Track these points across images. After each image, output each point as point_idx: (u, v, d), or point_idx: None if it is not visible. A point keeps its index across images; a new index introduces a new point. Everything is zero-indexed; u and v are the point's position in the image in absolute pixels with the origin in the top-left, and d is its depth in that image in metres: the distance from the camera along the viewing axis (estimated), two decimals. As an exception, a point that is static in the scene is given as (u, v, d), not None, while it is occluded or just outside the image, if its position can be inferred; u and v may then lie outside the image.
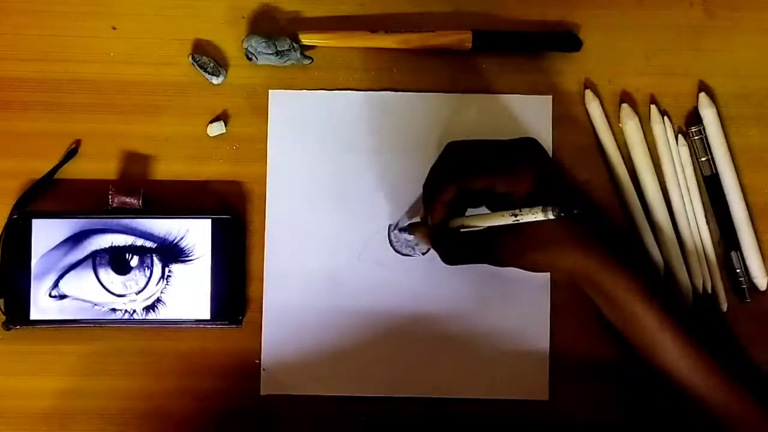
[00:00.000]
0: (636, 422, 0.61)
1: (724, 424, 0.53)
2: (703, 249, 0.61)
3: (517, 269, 0.55)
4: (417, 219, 0.59)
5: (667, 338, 0.53)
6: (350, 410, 0.61)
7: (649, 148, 0.62)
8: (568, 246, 0.53)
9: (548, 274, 0.61)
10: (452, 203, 0.55)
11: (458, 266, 0.57)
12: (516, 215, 0.51)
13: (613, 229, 0.55)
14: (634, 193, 0.61)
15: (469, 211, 0.57)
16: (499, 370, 0.61)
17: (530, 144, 0.56)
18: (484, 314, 0.61)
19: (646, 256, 0.56)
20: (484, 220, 0.54)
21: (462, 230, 0.56)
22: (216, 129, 0.61)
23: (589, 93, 0.62)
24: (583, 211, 0.48)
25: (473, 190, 0.54)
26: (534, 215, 0.50)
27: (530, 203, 0.51)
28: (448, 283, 0.61)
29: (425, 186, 0.57)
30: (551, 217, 0.49)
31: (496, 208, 0.55)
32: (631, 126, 0.61)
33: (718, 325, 0.61)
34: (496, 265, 0.55)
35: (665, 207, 0.61)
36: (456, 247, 0.56)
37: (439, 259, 0.59)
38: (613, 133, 0.62)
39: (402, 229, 0.60)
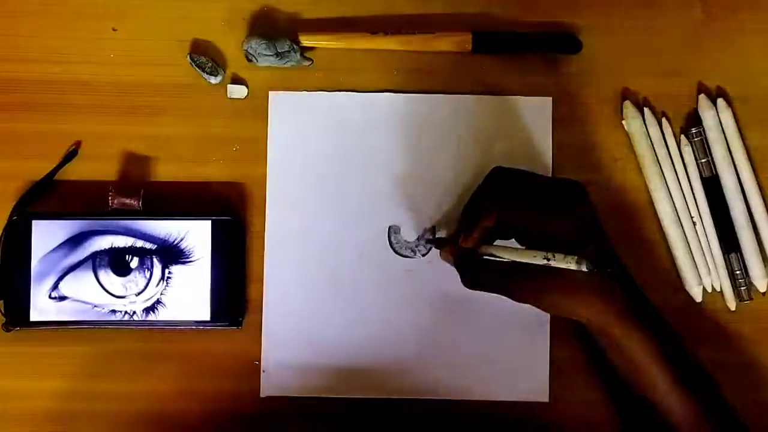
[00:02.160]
0: (634, 424, 0.61)
1: None
2: (710, 249, 0.62)
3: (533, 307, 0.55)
4: (443, 233, 0.61)
5: (675, 400, 0.54)
6: (350, 412, 0.61)
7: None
8: (591, 297, 0.53)
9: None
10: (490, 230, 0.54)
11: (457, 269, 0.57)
12: (549, 259, 0.51)
13: (635, 284, 0.55)
14: (671, 202, 0.62)
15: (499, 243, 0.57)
16: (500, 371, 0.61)
17: (577, 188, 0.55)
18: (484, 315, 0.61)
19: (662, 315, 0.56)
20: (514, 254, 0.53)
21: (485, 257, 0.55)
22: (237, 92, 0.61)
23: (628, 104, 0.62)
24: (615, 270, 0.48)
25: (511, 221, 0.54)
26: (567, 264, 0.50)
27: (565, 249, 0.51)
28: (447, 285, 0.60)
29: (466, 207, 0.57)
30: (584, 269, 0.49)
31: (526, 242, 0.55)
32: (635, 125, 0.61)
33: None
34: (512, 299, 0.54)
35: (672, 206, 0.61)
36: (480, 274, 0.55)
37: (438, 260, 0.59)
38: (652, 145, 0.62)
39: (429, 241, 0.61)
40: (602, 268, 0.48)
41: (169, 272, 0.59)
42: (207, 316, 0.60)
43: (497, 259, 0.54)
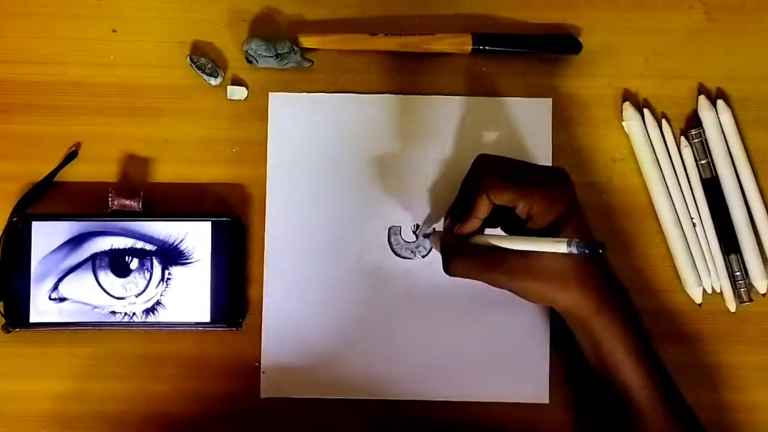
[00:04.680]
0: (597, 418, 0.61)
1: None
2: (710, 250, 0.62)
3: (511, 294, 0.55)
4: (434, 227, 0.61)
5: (645, 397, 0.54)
6: (350, 413, 0.61)
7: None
8: (571, 285, 0.53)
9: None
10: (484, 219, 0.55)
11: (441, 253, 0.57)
12: (537, 243, 0.51)
13: (613, 274, 0.56)
14: (672, 204, 0.62)
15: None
16: (500, 373, 0.61)
17: (562, 173, 0.55)
18: (483, 317, 0.61)
19: (635, 307, 0.57)
20: (503, 241, 0.53)
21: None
22: (237, 93, 0.61)
23: (628, 105, 0.62)
24: (604, 251, 0.49)
25: (497, 206, 0.54)
26: (557, 247, 0.50)
27: (549, 234, 0.52)
28: (447, 286, 0.61)
29: (455, 202, 0.57)
30: (574, 251, 0.49)
31: (512, 227, 0.55)
32: (635, 126, 0.62)
33: None
34: (491, 285, 0.55)
35: (672, 207, 0.61)
36: (461, 257, 0.55)
37: (438, 262, 0.59)
38: (652, 147, 0.62)
39: (426, 234, 0.61)
40: (592, 250, 0.48)
41: (169, 273, 0.59)
42: (207, 318, 0.60)
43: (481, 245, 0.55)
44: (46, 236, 0.59)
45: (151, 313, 0.59)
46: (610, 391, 0.55)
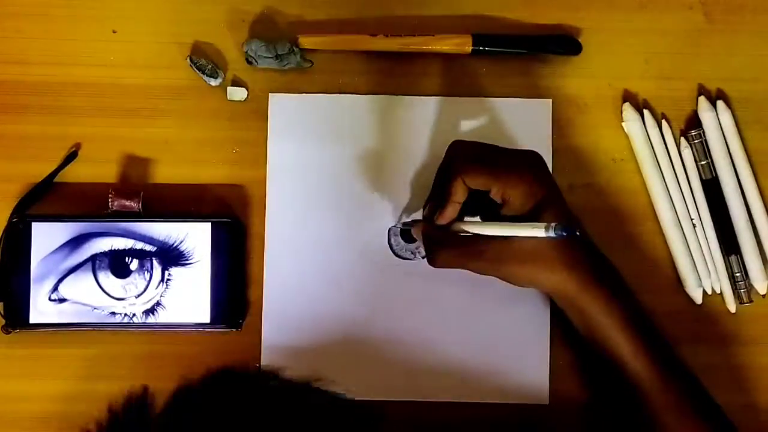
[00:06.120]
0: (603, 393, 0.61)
1: None
2: (710, 251, 0.62)
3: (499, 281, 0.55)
4: (417, 216, 0.60)
5: (641, 367, 0.54)
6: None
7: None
8: (554, 265, 0.53)
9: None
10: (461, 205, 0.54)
11: (457, 270, 0.57)
12: (516, 228, 0.51)
13: (597, 251, 0.56)
14: (672, 206, 0.62)
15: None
16: (499, 373, 0.61)
17: (536, 157, 0.55)
18: (484, 317, 0.61)
19: (625, 282, 0.57)
20: (481, 228, 0.54)
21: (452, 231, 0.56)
22: (237, 94, 0.61)
23: (628, 106, 0.62)
24: (582, 233, 0.49)
25: (473, 192, 0.54)
26: (535, 231, 0.50)
27: (528, 218, 0.52)
28: (447, 286, 0.61)
29: (434, 184, 0.57)
30: (552, 235, 0.49)
31: (488, 213, 0.55)
32: (634, 127, 0.62)
33: None
34: (477, 272, 0.55)
35: (672, 208, 0.61)
36: (443, 247, 0.55)
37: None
38: (652, 147, 0.62)
39: (405, 224, 0.61)
40: (570, 232, 0.48)
41: (169, 274, 0.59)
42: (207, 319, 0.60)
43: (463, 234, 0.55)
44: (46, 237, 0.59)
45: (151, 314, 0.59)
46: (607, 367, 0.55)
